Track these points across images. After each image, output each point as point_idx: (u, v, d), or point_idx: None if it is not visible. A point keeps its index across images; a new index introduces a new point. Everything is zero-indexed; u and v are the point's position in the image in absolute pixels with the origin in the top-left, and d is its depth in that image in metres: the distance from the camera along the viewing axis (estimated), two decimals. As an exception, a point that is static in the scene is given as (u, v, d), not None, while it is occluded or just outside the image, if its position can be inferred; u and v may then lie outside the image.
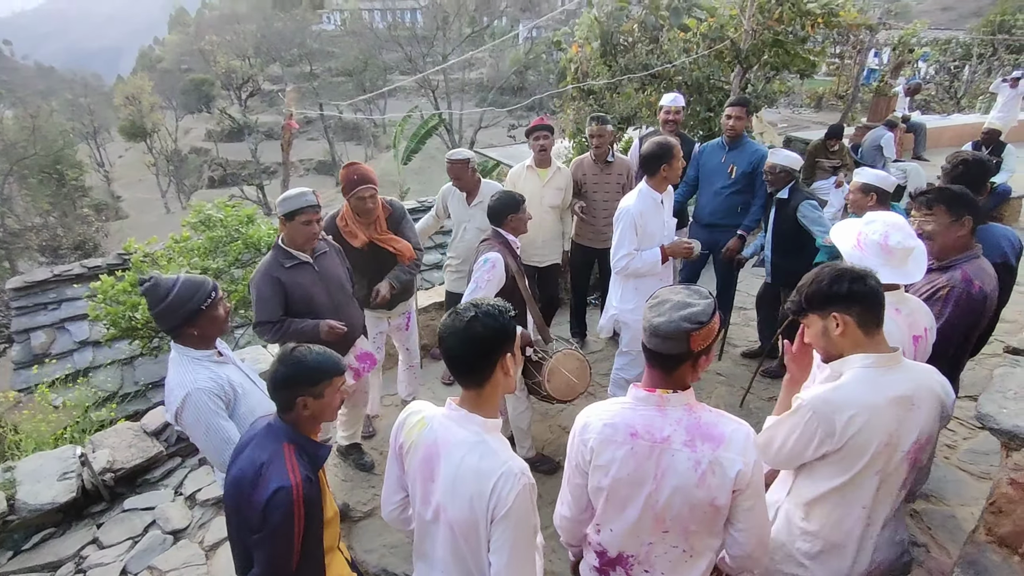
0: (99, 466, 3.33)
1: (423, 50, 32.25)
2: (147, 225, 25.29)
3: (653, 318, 1.46)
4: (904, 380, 1.60)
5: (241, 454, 1.76)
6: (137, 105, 32.80)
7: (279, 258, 2.76)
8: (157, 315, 2.02)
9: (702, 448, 1.44)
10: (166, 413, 2.12)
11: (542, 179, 4.13)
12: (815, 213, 3.66)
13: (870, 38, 9.04)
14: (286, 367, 1.71)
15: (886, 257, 1.85)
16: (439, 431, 1.51)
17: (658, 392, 1.48)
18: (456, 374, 1.49)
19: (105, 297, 4.57)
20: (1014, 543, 1.50)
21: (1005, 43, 18.59)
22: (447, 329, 1.46)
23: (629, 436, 1.48)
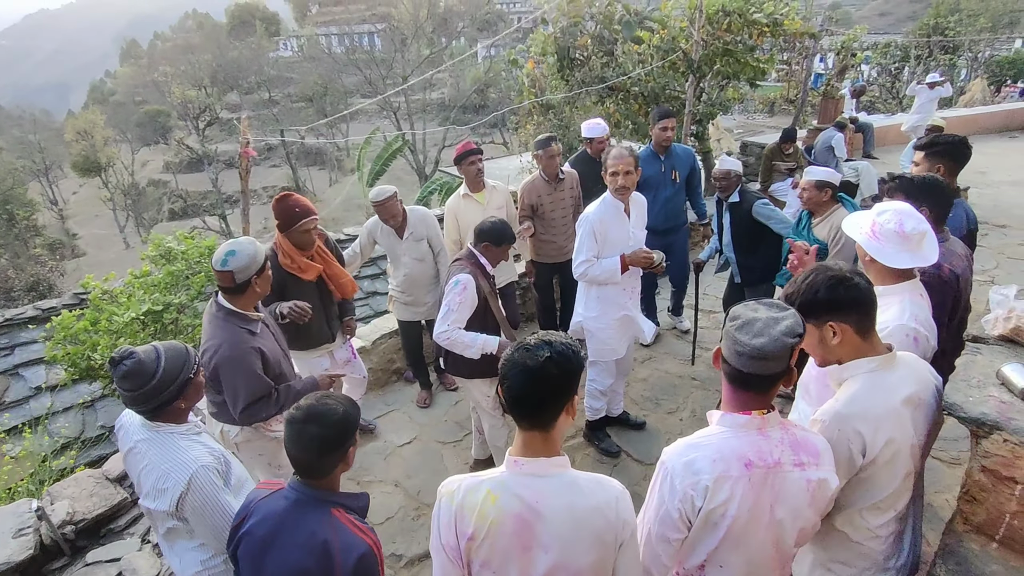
0: (58, 519, 3.14)
1: (382, 72, 32.30)
2: (106, 262, 24.50)
3: (751, 340, 1.34)
4: (907, 377, 1.59)
5: (272, 546, 1.54)
6: (90, 140, 31.92)
7: (240, 325, 2.42)
8: (147, 394, 1.78)
9: (809, 464, 1.41)
10: (148, 500, 1.83)
11: (482, 204, 4.08)
12: (768, 209, 3.83)
13: (814, 45, 9.38)
14: (332, 427, 1.53)
15: (904, 243, 1.86)
16: (523, 493, 1.33)
17: (755, 415, 1.41)
18: (521, 414, 1.35)
19: (65, 335, 4.38)
20: (990, 530, 1.52)
21: (940, 44, 19.57)
22: (515, 367, 1.32)
23: (744, 467, 1.38)
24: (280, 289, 3.07)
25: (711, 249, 4.36)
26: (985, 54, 20.83)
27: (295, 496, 1.57)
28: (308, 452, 1.54)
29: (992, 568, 1.49)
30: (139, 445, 1.86)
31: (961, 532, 1.58)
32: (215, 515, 1.82)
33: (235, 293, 2.39)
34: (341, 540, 1.49)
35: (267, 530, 1.55)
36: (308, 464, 1.56)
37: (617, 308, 3.26)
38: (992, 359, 1.73)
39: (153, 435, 1.85)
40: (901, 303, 1.88)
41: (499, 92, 32.21)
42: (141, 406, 1.81)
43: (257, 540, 1.56)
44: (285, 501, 1.57)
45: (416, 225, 3.80)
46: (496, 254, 2.98)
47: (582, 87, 6.99)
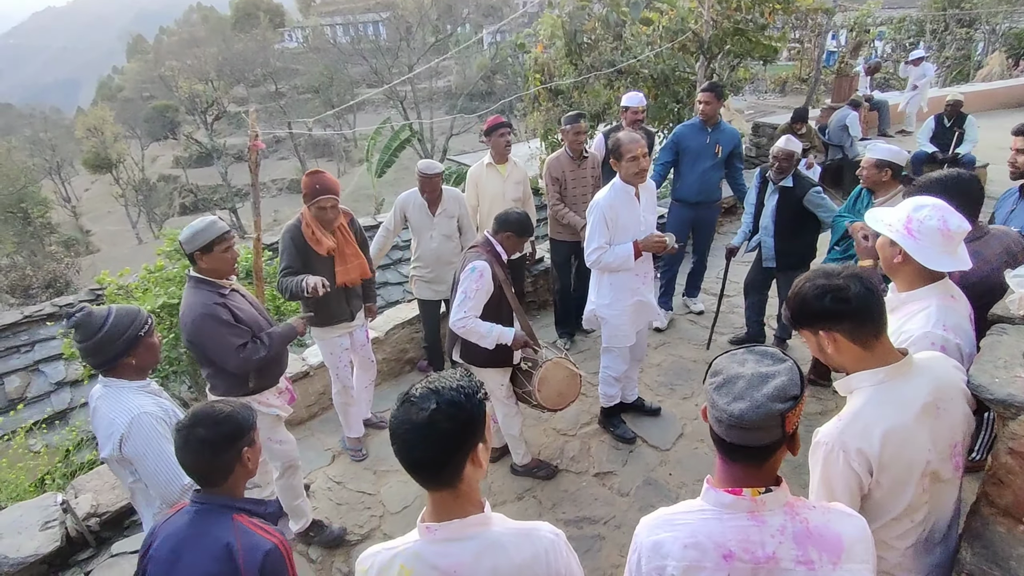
0: (83, 512, 3.20)
1: (388, 62, 32.17)
2: (119, 258, 24.77)
3: (728, 405, 1.13)
4: (923, 385, 1.46)
5: (179, 561, 1.49)
6: (100, 136, 32.18)
7: (209, 290, 2.53)
8: (94, 345, 1.91)
9: (821, 563, 1.13)
10: (101, 450, 1.97)
11: (503, 175, 4.27)
12: (820, 198, 3.77)
13: (827, 21, 9.19)
14: (218, 426, 1.52)
15: (947, 244, 1.69)
16: (438, 562, 1.20)
17: (747, 494, 1.16)
18: (421, 479, 1.20)
19: (80, 333, 4.44)
20: (1017, 513, 1.49)
21: (956, 17, 19.08)
22: (402, 424, 1.16)
23: (722, 559, 1.15)
24: (304, 261, 3.21)
25: (744, 233, 4.27)
26: (1004, 26, 20.27)
27: (195, 508, 1.54)
28: (198, 455, 1.52)
29: (1019, 551, 1.47)
30: (96, 403, 1.99)
31: (987, 515, 1.56)
32: (158, 461, 1.89)
33: (194, 264, 2.54)
34: (244, 541, 1.46)
35: (170, 547, 1.51)
36: (201, 469, 1.55)
37: (630, 294, 3.24)
38: (1018, 339, 1.69)
39: (106, 391, 1.98)
40: (927, 309, 1.75)
41: (506, 79, 31.95)
42: (91, 359, 1.93)
43: (161, 560, 1.51)
44: (186, 516, 1.54)
45: (449, 202, 3.94)
46: (515, 244, 2.98)
47: (591, 71, 6.90)
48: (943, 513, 1.56)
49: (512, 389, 3.16)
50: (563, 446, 3.66)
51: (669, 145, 4.68)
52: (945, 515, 1.57)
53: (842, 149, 7.59)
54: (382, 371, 4.51)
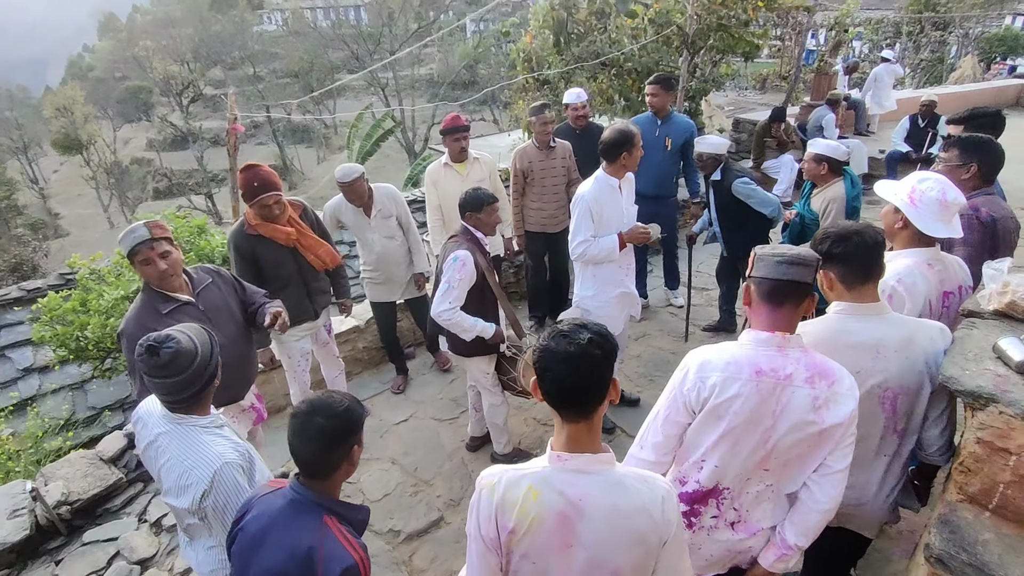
0: (53, 499, 3.14)
1: (370, 48, 31.70)
2: (91, 242, 24.12)
3: (787, 251, 1.55)
4: (875, 329, 1.77)
5: (262, 546, 1.48)
6: (70, 117, 31.13)
7: (153, 302, 2.33)
8: (185, 381, 1.68)
9: (820, 384, 1.54)
10: (176, 499, 1.74)
11: (462, 174, 4.09)
12: (747, 188, 3.88)
13: (808, 19, 9.30)
14: (337, 418, 1.46)
15: (943, 212, 1.96)
16: (566, 490, 1.30)
17: (777, 334, 1.56)
18: (566, 404, 1.30)
19: (52, 316, 4.32)
20: (984, 500, 1.55)
21: (931, 20, 19.46)
22: (556, 356, 1.26)
23: (754, 374, 1.55)
24: (253, 259, 3.02)
25: (703, 222, 4.42)
26: (976, 31, 20.75)
27: (292, 496, 1.51)
28: (312, 444, 1.47)
29: (985, 536, 1.52)
30: (160, 439, 1.76)
31: (955, 502, 1.61)
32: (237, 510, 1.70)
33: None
34: (327, 550, 1.42)
35: (259, 528, 1.50)
36: (312, 460, 1.49)
37: (614, 285, 3.26)
38: (988, 333, 1.74)
39: (175, 428, 1.75)
40: (897, 267, 2.02)
41: (488, 68, 31.73)
42: (177, 395, 1.69)
43: (249, 537, 1.52)
44: (282, 500, 1.52)
45: (383, 202, 3.70)
46: (485, 221, 2.97)
47: (577, 62, 6.89)
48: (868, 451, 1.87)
49: (498, 377, 3.17)
50: (543, 435, 3.69)
51: None
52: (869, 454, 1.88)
53: (820, 147, 7.70)
54: (362, 360, 4.49)
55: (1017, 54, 19.51)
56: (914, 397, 1.82)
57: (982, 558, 1.48)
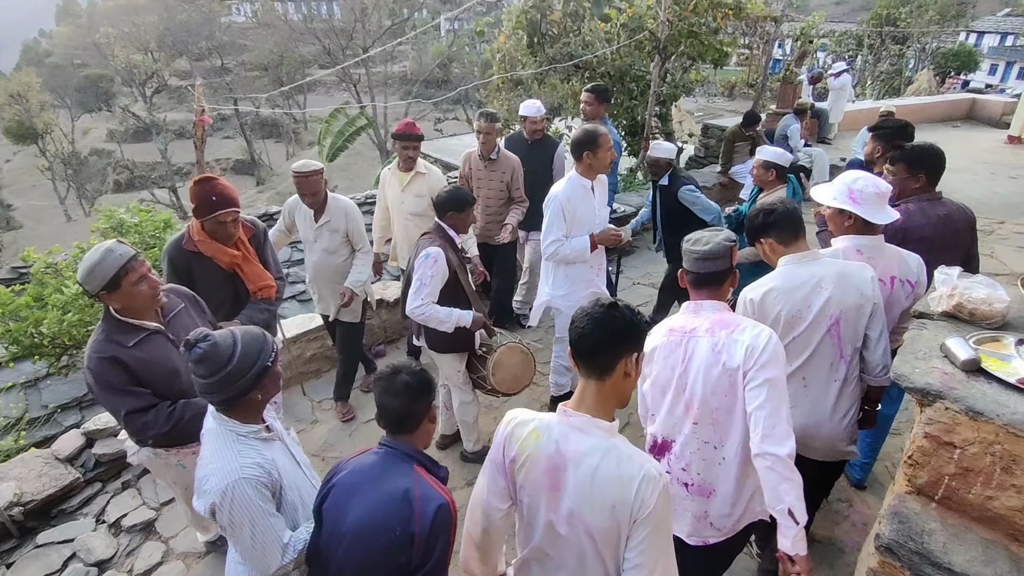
0: (4, 500, 3.02)
1: (342, 43, 31.24)
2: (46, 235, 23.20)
3: (701, 247, 1.86)
4: (814, 269, 2.14)
5: (358, 493, 1.56)
6: (24, 104, 29.88)
7: (114, 336, 2.12)
8: (221, 381, 1.60)
9: (720, 333, 1.81)
10: (196, 500, 1.67)
11: (401, 184, 3.94)
12: (693, 195, 4.01)
13: (775, 29, 9.56)
14: (419, 375, 1.63)
15: (880, 202, 2.25)
16: (560, 440, 1.44)
17: (693, 302, 1.91)
18: (583, 360, 1.45)
19: (3, 311, 4.15)
20: (931, 491, 1.63)
21: (891, 34, 20.22)
22: (585, 313, 1.46)
23: (668, 331, 1.90)
24: (187, 277, 2.77)
25: (636, 224, 4.57)
26: (932, 45, 21.64)
27: (383, 451, 1.63)
28: (399, 398, 1.60)
29: (931, 526, 1.60)
30: (206, 435, 1.73)
31: (904, 494, 1.69)
32: (255, 534, 1.61)
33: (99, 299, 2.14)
34: (422, 491, 1.53)
35: (354, 480, 1.61)
36: (399, 414, 1.62)
37: (585, 285, 3.30)
38: (936, 333, 1.84)
39: (216, 427, 1.69)
40: (834, 251, 2.34)
41: (462, 67, 31.67)
42: (216, 395, 1.63)
43: (344, 489, 1.61)
44: (374, 456, 1.64)
45: (335, 213, 3.46)
46: (462, 220, 2.96)
47: (551, 64, 6.95)
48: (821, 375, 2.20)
49: (469, 376, 3.18)
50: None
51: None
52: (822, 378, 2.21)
53: (784, 154, 7.93)
54: (331, 357, 4.42)
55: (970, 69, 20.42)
56: (855, 322, 2.14)
57: (928, 547, 1.56)
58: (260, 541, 1.62)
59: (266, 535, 1.62)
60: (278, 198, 23.76)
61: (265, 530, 1.61)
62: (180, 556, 2.98)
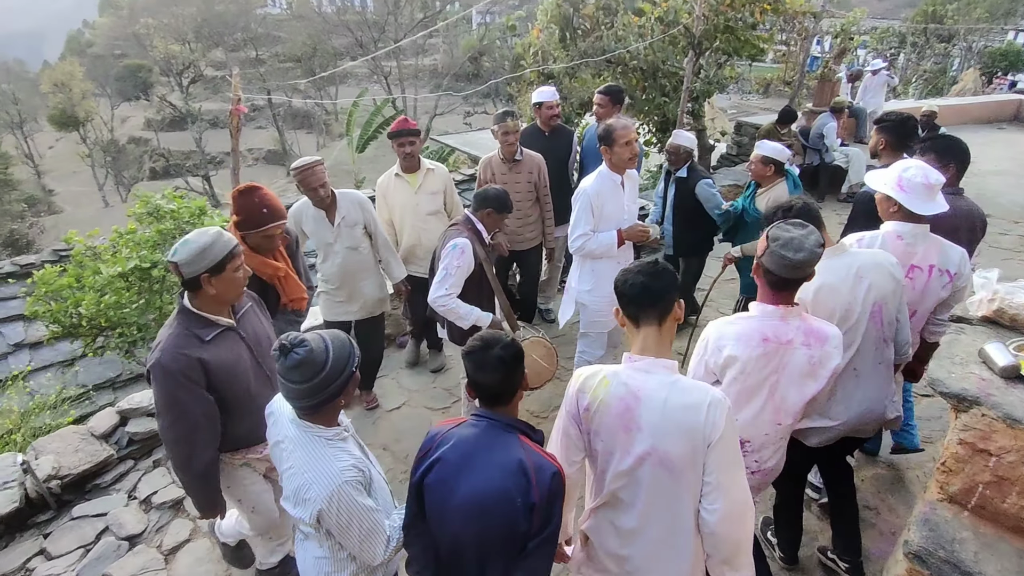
0: (43, 473, 3.15)
1: (374, 35, 31.47)
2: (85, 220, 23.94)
3: (795, 255, 1.78)
4: (848, 261, 2.16)
5: (469, 467, 1.57)
6: (67, 92, 30.81)
7: (193, 328, 2.06)
8: (314, 387, 1.60)
9: (815, 346, 1.86)
10: (294, 508, 1.68)
11: (412, 185, 3.76)
12: (710, 191, 3.99)
13: (814, 25, 9.32)
14: (510, 348, 1.62)
15: (929, 193, 2.26)
16: (630, 383, 1.58)
17: (780, 307, 1.88)
18: (643, 309, 1.61)
19: (46, 291, 4.30)
20: (963, 499, 1.59)
21: (936, 32, 19.55)
22: (638, 270, 1.62)
23: (761, 341, 1.86)
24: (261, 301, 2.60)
25: (655, 214, 4.51)
26: (979, 44, 20.85)
27: (484, 423, 1.63)
28: (494, 373, 1.61)
29: (963, 534, 1.56)
30: (286, 442, 1.71)
31: (936, 501, 1.65)
32: (362, 532, 1.66)
33: (188, 289, 2.07)
34: (533, 460, 1.55)
35: (461, 454, 1.59)
36: (495, 388, 1.63)
37: (611, 281, 3.27)
38: (975, 339, 1.78)
39: (301, 434, 1.68)
40: (873, 235, 2.41)
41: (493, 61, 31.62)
42: (305, 401, 1.62)
43: (451, 464, 1.59)
44: (474, 428, 1.63)
45: (349, 209, 3.35)
46: (495, 221, 2.98)
47: (583, 58, 6.89)
48: (869, 358, 2.22)
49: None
50: (534, 427, 3.71)
51: (583, 149, 4.61)
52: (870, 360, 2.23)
53: (819, 154, 7.76)
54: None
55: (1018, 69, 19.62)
56: (892, 306, 2.19)
57: (958, 555, 1.52)
58: (367, 537, 1.67)
59: (372, 531, 1.68)
60: (308, 188, 24.05)
61: (371, 527, 1.67)
62: (207, 535, 3.06)
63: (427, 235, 3.80)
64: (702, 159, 8.90)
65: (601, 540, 1.73)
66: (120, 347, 4.49)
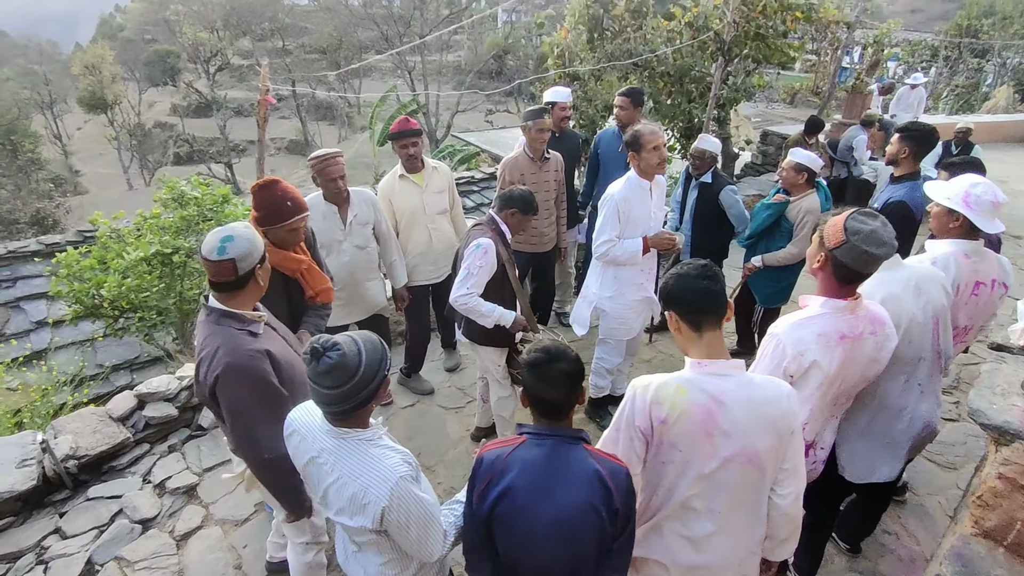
0: (61, 452, 3.18)
1: (400, 30, 31.56)
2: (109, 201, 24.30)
3: (877, 250, 1.76)
4: (904, 274, 2.15)
5: (550, 489, 1.52)
6: (97, 75, 31.26)
7: (241, 327, 1.98)
8: (347, 392, 1.54)
9: (880, 332, 1.89)
10: (351, 519, 1.61)
11: (420, 185, 3.63)
12: (734, 198, 3.95)
13: (847, 35, 9.17)
14: (574, 362, 1.59)
15: (994, 212, 2.28)
16: (709, 388, 1.58)
17: (850, 300, 1.86)
18: (708, 314, 1.62)
19: (69, 272, 4.36)
20: (999, 536, 1.53)
21: (970, 47, 19.16)
22: (699, 273, 1.62)
23: (839, 339, 1.83)
24: None
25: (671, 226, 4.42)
26: (1014, 61, 20.40)
27: (549, 440, 1.57)
28: (560, 388, 1.57)
29: (997, 572, 1.50)
30: (324, 456, 1.63)
31: (969, 535, 1.59)
32: (421, 527, 1.63)
33: (232, 289, 1.97)
34: (606, 467, 1.54)
35: (533, 478, 1.53)
36: (559, 403, 1.59)
37: (635, 288, 3.24)
38: (1017, 368, 1.72)
39: (340, 443, 1.62)
40: (935, 251, 2.40)
41: (517, 60, 31.58)
42: (338, 406, 1.57)
43: (525, 491, 1.53)
44: (540, 447, 1.57)
45: (362, 207, 3.30)
46: (520, 222, 2.95)
47: (609, 60, 6.83)
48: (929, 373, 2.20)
49: (508, 371, 3.17)
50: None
51: (592, 153, 4.53)
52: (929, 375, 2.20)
53: (848, 167, 7.63)
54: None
55: (1054, 88, 19.15)
56: (945, 320, 2.18)
57: (993, 594, 1.47)
58: (424, 532, 1.63)
59: (428, 524, 1.63)
60: (327, 180, 24.18)
61: (427, 520, 1.62)
62: (219, 522, 3.08)
63: (438, 235, 3.74)
64: (726, 167, 8.80)
65: (672, 556, 1.70)
66: (140, 330, 4.53)
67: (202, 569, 2.82)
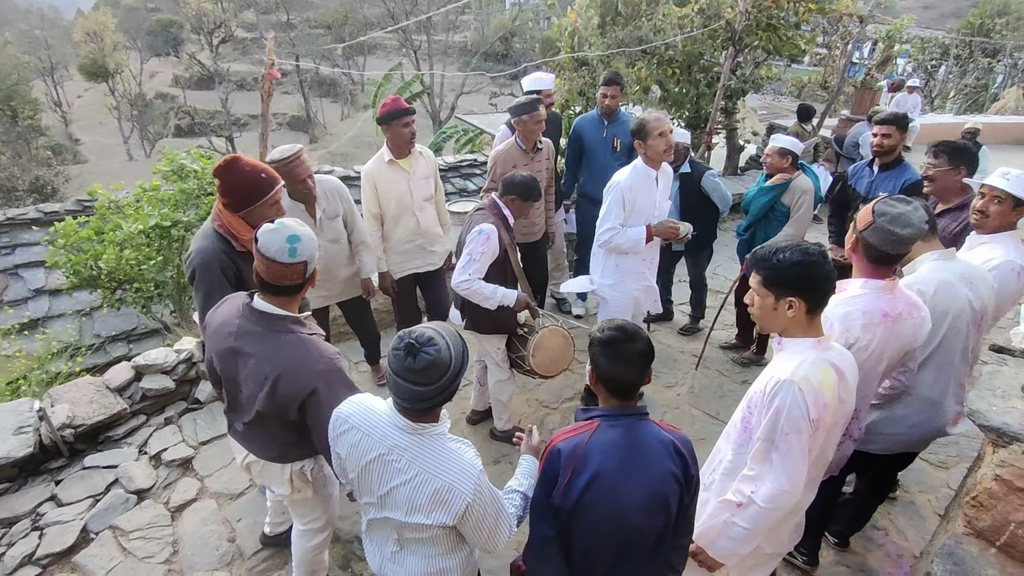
0: (58, 421, 3.18)
1: (406, 7, 31.17)
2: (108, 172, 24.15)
3: (903, 231, 1.85)
4: (955, 266, 2.24)
5: (636, 469, 1.54)
6: (99, 43, 30.88)
7: (308, 330, 1.93)
8: (437, 388, 1.49)
9: (916, 315, 1.98)
10: (428, 516, 1.56)
11: (407, 171, 3.44)
12: (715, 182, 4.02)
13: (859, 30, 9.07)
14: (648, 343, 1.62)
15: None
16: (835, 362, 1.70)
17: (887, 281, 1.96)
18: (824, 296, 1.69)
19: (67, 242, 4.33)
20: (992, 536, 1.54)
21: (981, 46, 18.97)
22: (820, 255, 1.66)
23: (882, 316, 1.93)
24: (238, 283, 2.36)
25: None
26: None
27: (624, 420, 1.60)
28: (634, 368, 1.59)
29: (989, 572, 1.52)
30: (394, 453, 1.55)
31: (962, 535, 1.60)
32: (495, 519, 1.62)
33: (295, 292, 1.87)
34: (675, 436, 1.61)
35: (619, 460, 1.55)
36: (632, 382, 1.62)
37: (636, 278, 3.23)
38: (1018, 371, 1.72)
39: (417, 440, 1.55)
40: (1006, 245, 2.44)
41: (523, 43, 31.25)
42: (428, 402, 1.50)
43: (613, 474, 1.54)
44: (615, 429, 1.59)
45: (329, 200, 3.17)
46: (521, 208, 2.94)
47: (620, 46, 6.75)
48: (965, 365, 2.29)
49: (508, 355, 3.17)
50: (544, 418, 3.70)
51: (572, 140, 4.47)
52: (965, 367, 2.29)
53: (853, 163, 7.59)
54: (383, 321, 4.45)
55: (1065, 91, 19.00)
56: (989, 318, 2.24)
57: (984, 593, 1.48)
58: (497, 523, 1.62)
59: (500, 515, 1.63)
60: (329, 157, 24.08)
61: (500, 511, 1.63)
62: (213, 495, 3.09)
63: (426, 222, 3.60)
64: (731, 159, 8.75)
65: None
66: (137, 302, 4.52)
67: (196, 541, 2.84)
